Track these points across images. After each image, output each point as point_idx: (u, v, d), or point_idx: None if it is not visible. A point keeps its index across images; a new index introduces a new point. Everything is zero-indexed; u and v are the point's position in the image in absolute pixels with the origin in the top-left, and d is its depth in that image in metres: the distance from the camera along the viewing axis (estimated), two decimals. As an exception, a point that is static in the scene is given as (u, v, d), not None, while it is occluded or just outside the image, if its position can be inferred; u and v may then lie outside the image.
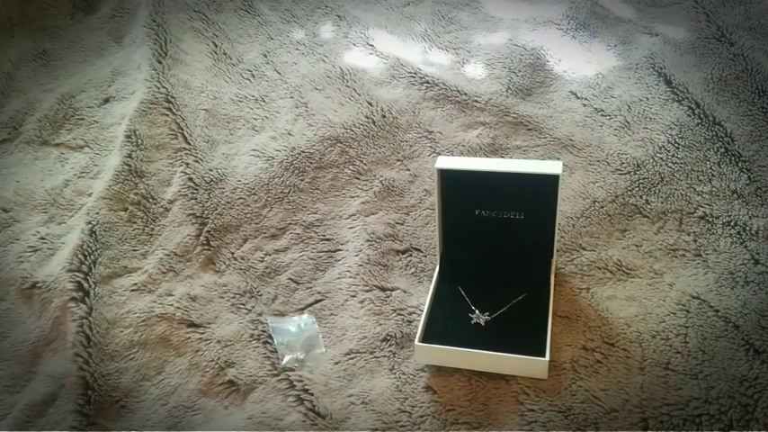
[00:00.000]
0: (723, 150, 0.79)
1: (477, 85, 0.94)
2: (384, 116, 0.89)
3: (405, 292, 0.68)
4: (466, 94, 0.92)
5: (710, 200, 0.73)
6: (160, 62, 1.01)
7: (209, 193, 0.81)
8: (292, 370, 0.62)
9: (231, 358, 0.64)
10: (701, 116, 0.83)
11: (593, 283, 0.67)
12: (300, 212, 0.79)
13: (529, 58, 0.98)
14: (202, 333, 0.66)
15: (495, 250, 0.67)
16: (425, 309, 0.63)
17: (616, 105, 0.88)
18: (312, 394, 0.59)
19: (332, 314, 0.68)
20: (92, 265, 0.73)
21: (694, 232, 0.70)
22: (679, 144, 0.81)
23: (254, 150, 0.87)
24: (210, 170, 0.84)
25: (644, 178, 0.77)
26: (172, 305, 0.69)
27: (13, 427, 0.60)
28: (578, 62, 0.97)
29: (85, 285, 0.70)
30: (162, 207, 0.81)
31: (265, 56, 1.05)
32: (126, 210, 0.80)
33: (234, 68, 1.03)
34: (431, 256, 0.72)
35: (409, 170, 0.83)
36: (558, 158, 0.81)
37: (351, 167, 0.83)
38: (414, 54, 1.02)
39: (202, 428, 0.59)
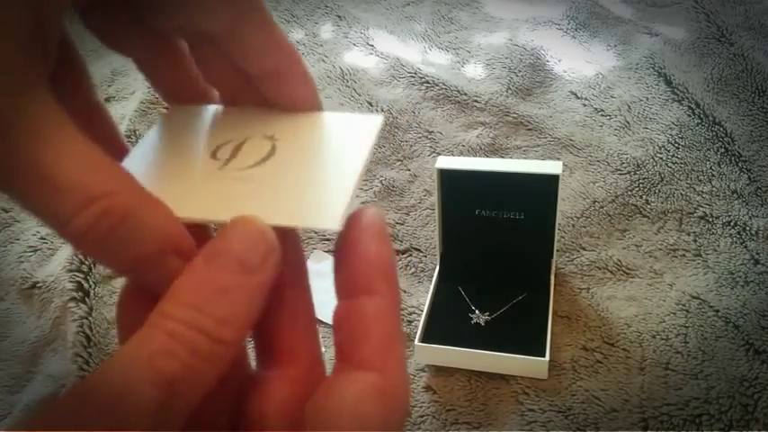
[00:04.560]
0: (723, 150, 0.79)
1: (477, 85, 0.94)
2: (384, 116, 0.89)
3: (405, 292, 0.68)
4: (466, 94, 0.92)
5: (710, 200, 0.74)
6: (160, 62, 1.01)
7: (209, 193, 0.81)
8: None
9: (231, 358, 0.64)
10: (701, 116, 0.83)
11: (594, 283, 0.67)
12: (300, 212, 0.79)
13: (529, 58, 0.98)
14: (202, 333, 0.66)
15: (495, 250, 0.67)
16: (425, 309, 0.63)
17: (616, 105, 0.88)
18: (312, 394, 0.59)
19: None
20: (92, 265, 0.73)
21: (694, 232, 0.70)
22: (679, 144, 0.81)
23: (254, 150, 0.87)
24: (210, 170, 0.84)
25: (644, 178, 0.77)
26: (172, 305, 0.69)
27: (13, 427, 0.61)
28: (578, 62, 0.97)
29: (85, 285, 0.70)
30: (162, 207, 0.81)
31: (265, 56, 1.05)
32: (126, 210, 0.80)
33: (234, 68, 1.03)
34: (431, 256, 0.72)
35: (409, 170, 0.83)
36: (558, 158, 0.81)
37: (351, 167, 0.83)
38: (414, 54, 1.02)
39: (202, 428, 0.59)
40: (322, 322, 0.66)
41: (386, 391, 0.19)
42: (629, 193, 0.75)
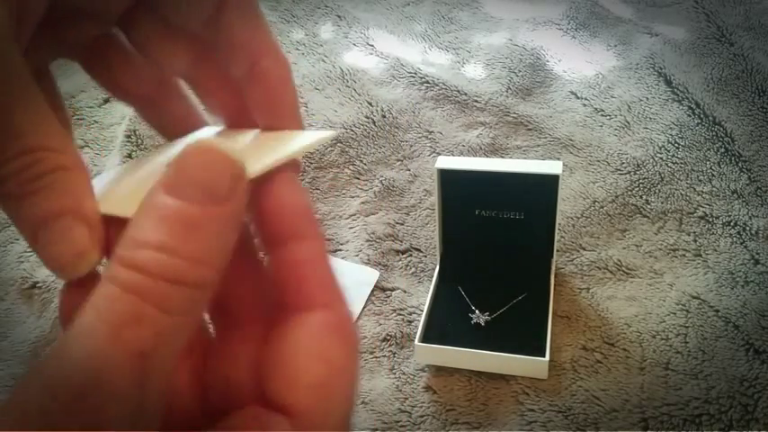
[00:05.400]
0: (723, 150, 0.79)
1: (477, 85, 0.94)
2: (384, 116, 0.89)
3: (405, 292, 0.68)
4: (466, 94, 0.92)
5: (710, 200, 0.74)
6: (160, 62, 1.02)
7: (209, 193, 0.81)
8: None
9: (231, 358, 0.64)
10: (701, 116, 0.83)
11: (593, 283, 0.67)
12: (300, 212, 0.79)
13: (529, 58, 0.98)
14: (202, 333, 0.66)
15: (495, 250, 0.67)
16: (425, 309, 0.63)
17: (616, 105, 0.88)
18: (312, 394, 0.59)
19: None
20: (92, 265, 0.73)
21: (694, 232, 0.70)
22: (679, 144, 0.81)
23: (254, 150, 0.87)
24: (210, 170, 0.84)
25: (644, 178, 0.77)
26: (172, 305, 0.69)
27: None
28: (578, 62, 0.97)
29: (85, 285, 0.70)
30: (162, 207, 0.81)
31: (265, 56, 1.05)
32: (126, 210, 0.80)
33: (234, 68, 1.03)
34: (431, 256, 0.72)
35: (409, 170, 0.83)
36: (558, 158, 0.81)
37: (351, 167, 0.83)
38: (414, 54, 1.02)
39: (202, 428, 0.59)
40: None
41: (338, 324, 0.19)
42: (629, 193, 0.75)
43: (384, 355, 0.63)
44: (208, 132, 0.26)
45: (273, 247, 0.20)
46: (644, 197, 0.75)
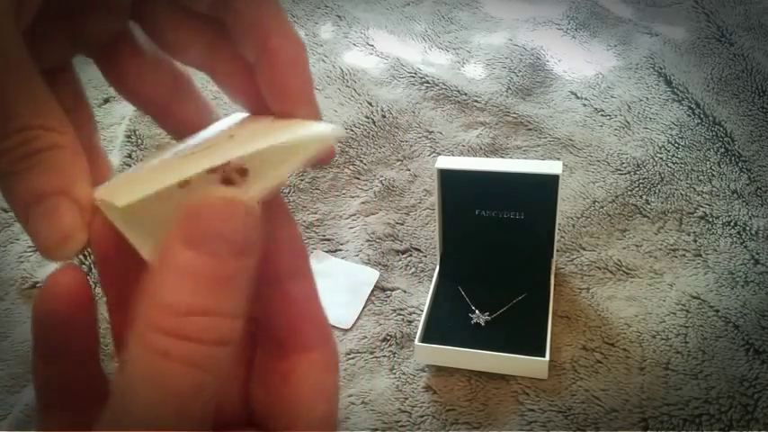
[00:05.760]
0: (723, 150, 0.79)
1: (477, 85, 0.94)
2: (384, 116, 0.89)
3: (405, 292, 0.68)
4: (466, 94, 0.92)
5: (710, 200, 0.74)
6: (160, 62, 1.01)
7: (209, 193, 0.81)
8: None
9: (231, 358, 0.64)
10: (701, 116, 0.83)
11: (594, 283, 0.67)
12: (300, 212, 0.79)
13: (529, 58, 0.98)
14: (202, 333, 0.66)
15: (495, 250, 0.67)
16: (425, 309, 0.63)
17: (616, 105, 0.88)
18: (312, 394, 0.59)
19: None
20: (92, 265, 0.73)
21: (694, 232, 0.70)
22: (679, 144, 0.81)
23: (254, 150, 0.87)
24: (210, 170, 0.84)
25: (644, 178, 0.77)
26: (172, 305, 0.69)
27: (13, 427, 0.60)
28: (578, 62, 0.97)
29: (85, 285, 0.70)
30: (162, 207, 0.81)
31: (265, 56, 1.05)
32: (126, 210, 0.80)
33: (234, 68, 1.03)
34: (431, 256, 0.72)
35: (409, 170, 0.83)
36: (558, 158, 0.81)
37: (351, 167, 0.83)
38: (414, 54, 1.02)
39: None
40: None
41: (331, 361, 0.22)
42: (629, 193, 0.75)
43: (384, 355, 0.63)
44: (230, 120, 0.25)
45: (266, 283, 0.21)
46: (644, 197, 0.75)
